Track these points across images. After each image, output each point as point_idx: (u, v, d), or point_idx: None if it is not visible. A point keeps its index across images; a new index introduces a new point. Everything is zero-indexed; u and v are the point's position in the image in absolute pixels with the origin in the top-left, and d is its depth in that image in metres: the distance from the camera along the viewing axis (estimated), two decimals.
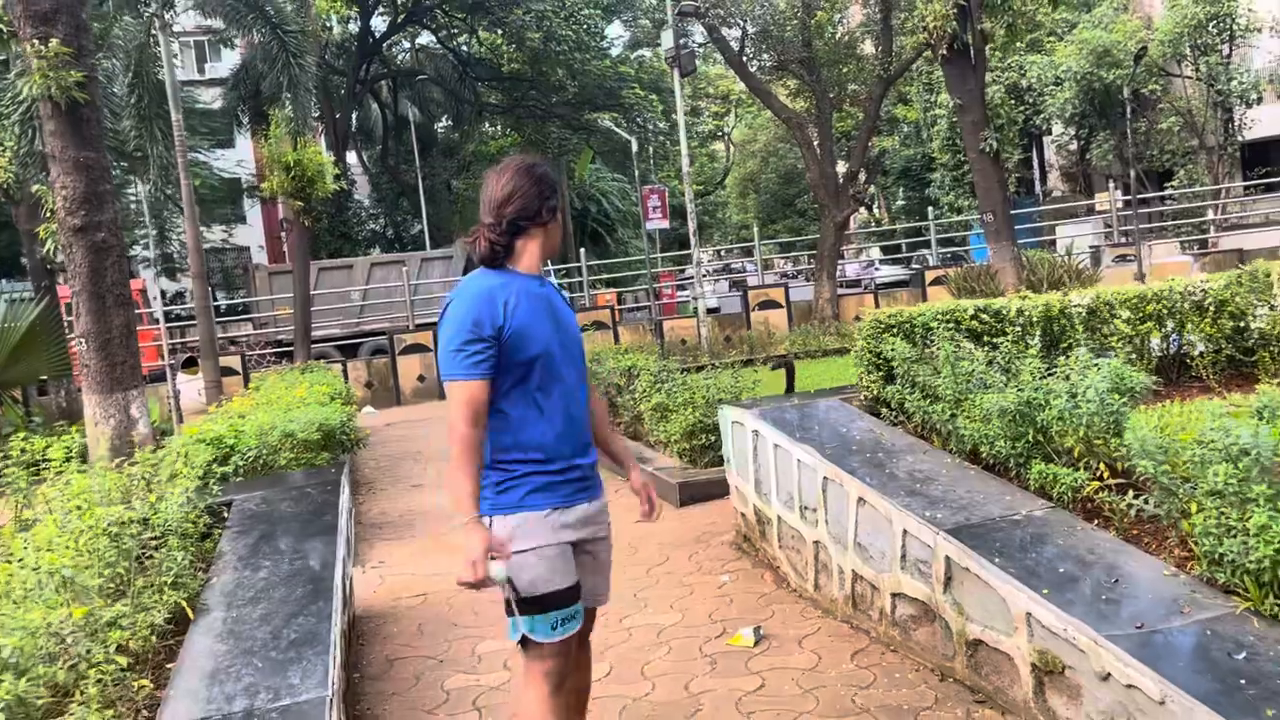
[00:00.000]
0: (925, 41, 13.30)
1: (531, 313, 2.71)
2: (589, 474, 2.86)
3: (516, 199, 2.78)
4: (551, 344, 2.74)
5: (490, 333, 2.64)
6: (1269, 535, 2.95)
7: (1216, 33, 28.60)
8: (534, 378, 2.71)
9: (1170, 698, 2.79)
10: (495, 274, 2.76)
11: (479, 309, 2.66)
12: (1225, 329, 5.45)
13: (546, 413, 2.74)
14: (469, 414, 2.63)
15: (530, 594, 2.68)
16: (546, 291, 2.82)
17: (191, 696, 3.15)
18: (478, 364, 2.64)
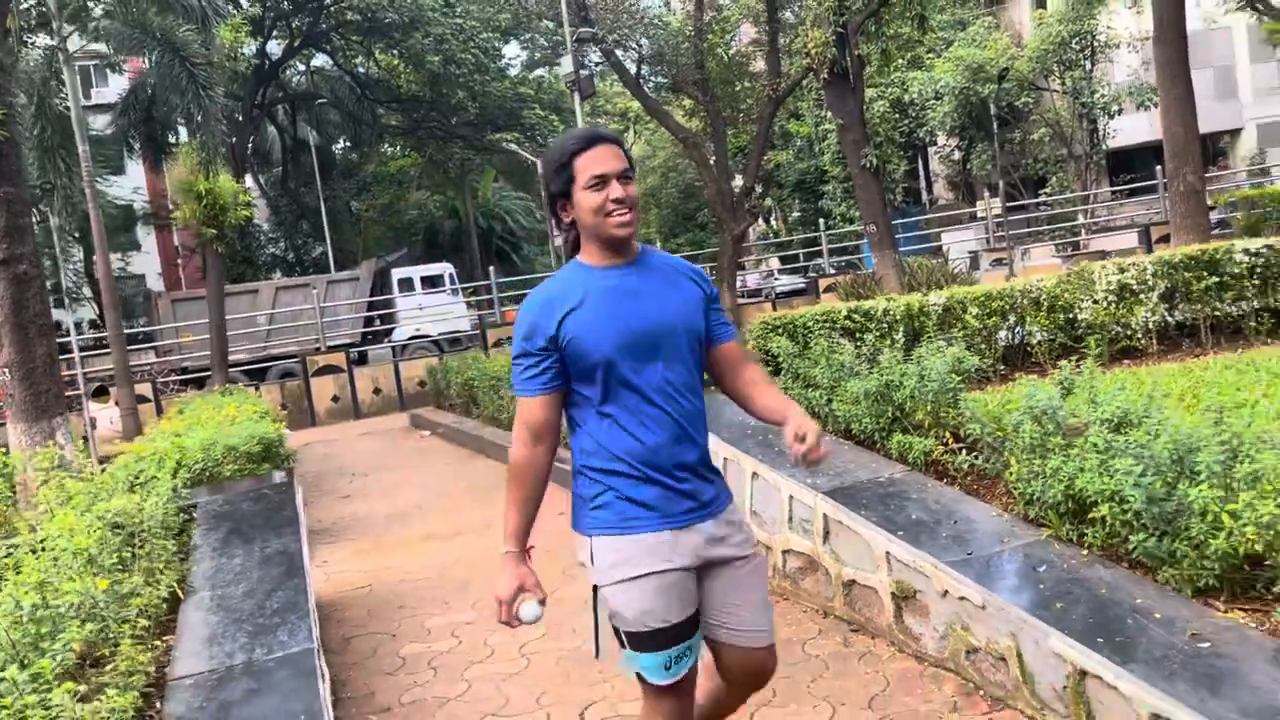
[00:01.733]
0: (808, 66, 14.31)
1: (599, 312, 2.37)
2: (704, 485, 2.46)
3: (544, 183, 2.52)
4: (626, 341, 2.36)
5: (543, 344, 2.37)
6: (1061, 476, 3.79)
7: (1079, 49, 30.61)
8: (607, 383, 2.38)
9: (989, 603, 3.61)
10: (569, 270, 2.49)
11: (533, 317, 2.41)
12: (1058, 321, 6.41)
13: (631, 419, 2.38)
14: (523, 433, 2.40)
15: (637, 629, 2.39)
16: (631, 279, 2.43)
17: (196, 656, 3.72)
18: (531, 378, 2.38)
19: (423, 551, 7.16)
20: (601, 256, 2.46)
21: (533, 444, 2.42)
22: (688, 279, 2.54)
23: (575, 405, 2.45)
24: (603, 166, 2.39)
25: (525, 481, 2.44)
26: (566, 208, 2.45)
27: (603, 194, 2.37)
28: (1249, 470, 3.18)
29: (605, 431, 2.40)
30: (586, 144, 2.41)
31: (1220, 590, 3.32)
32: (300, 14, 30.34)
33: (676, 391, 2.42)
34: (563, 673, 4.45)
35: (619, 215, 2.39)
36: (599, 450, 2.41)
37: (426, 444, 13.38)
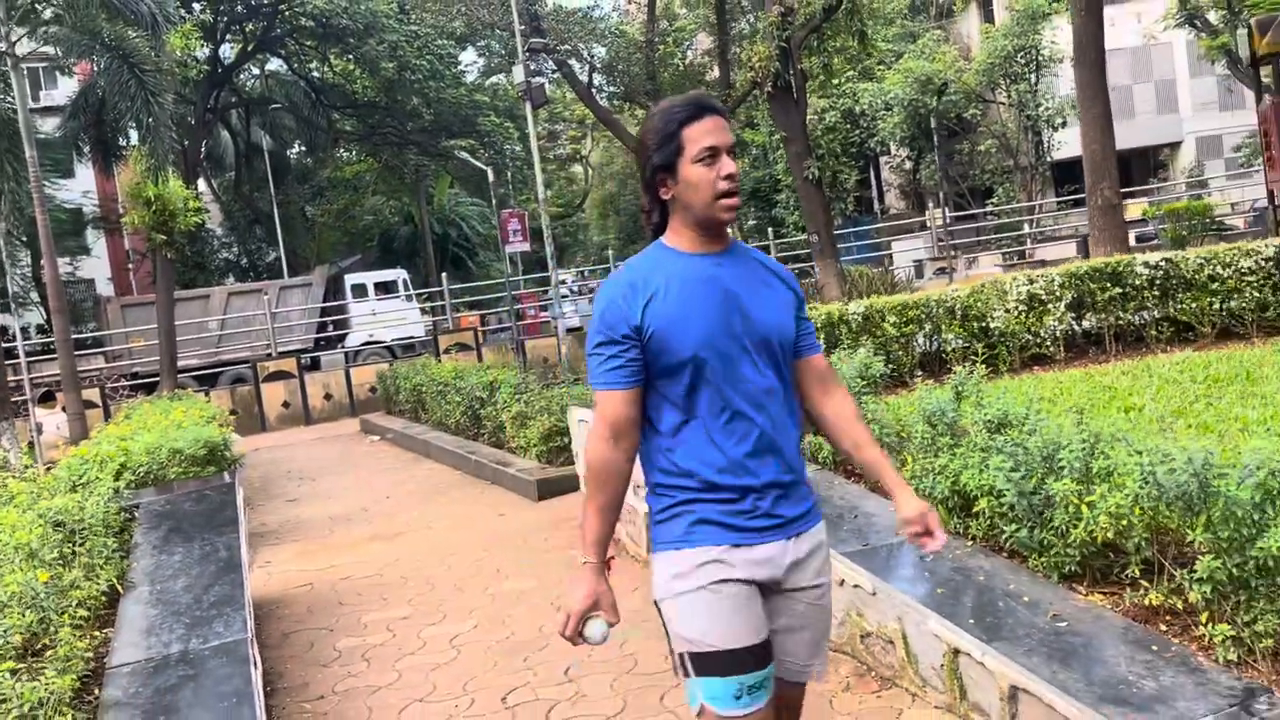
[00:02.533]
0: (752, 79, 14.68)
1: (686, 304, 2.15)
2: (790, 502, 2.23)
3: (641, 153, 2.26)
4: (716, 340, 2.15)
5: (626, 332, 2.14)
6: (948, 472, 4.10)
7: (1024, 63, 31.39)
8: (690, 385, 2.15)
9: (879, 590, 3.91)
10: (653, 253, 2.26)
11: (614, 303, 2.17)
12: (972, 329, 6.76)
13: (713, 426, 2.16)
14: (604, 430, 2.16)
15: (701, 649, 2.14)
16: (723, 271, 2.21)
17: (134, 645, 3.92)
18: (613, 370, 2.15)
19: (365, 552, 7.36)
20: (694, 241, 2.22)
21: (614, 443, 2.16)
22: (778, 279, 2.32)
23: (650, 407, 2.20)
24: (716, 138, 2.15)
25: (607, 484, 2.17)
26: (667, 183, 2.19)
27: (714, 169, 2.14)
28: (1103, 465, 3.50)
29: (683, 439, 2.17)
30: (697, 112, 2.17)
31: (1083, 576, 3.65)
32: (254, 19, 30.28)
33: (765, 399, 2.19)
34: (490, 662, 4.69)
35: (729, 196, 2.17)
36: (674, 460, 2.17)
37: (376, 449, 13.53)
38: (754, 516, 2.18)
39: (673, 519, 2.19)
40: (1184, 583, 3.22)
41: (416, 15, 25.32)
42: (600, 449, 2.18)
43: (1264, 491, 3.06)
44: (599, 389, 2.19)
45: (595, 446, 2.18)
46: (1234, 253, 6.89)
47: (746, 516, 2.17)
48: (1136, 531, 3.37)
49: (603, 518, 2.19)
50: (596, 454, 2.18)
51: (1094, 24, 11.00)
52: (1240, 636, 3.03)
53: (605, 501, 2.19)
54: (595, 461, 2.18)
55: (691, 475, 2.17)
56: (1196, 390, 5.67)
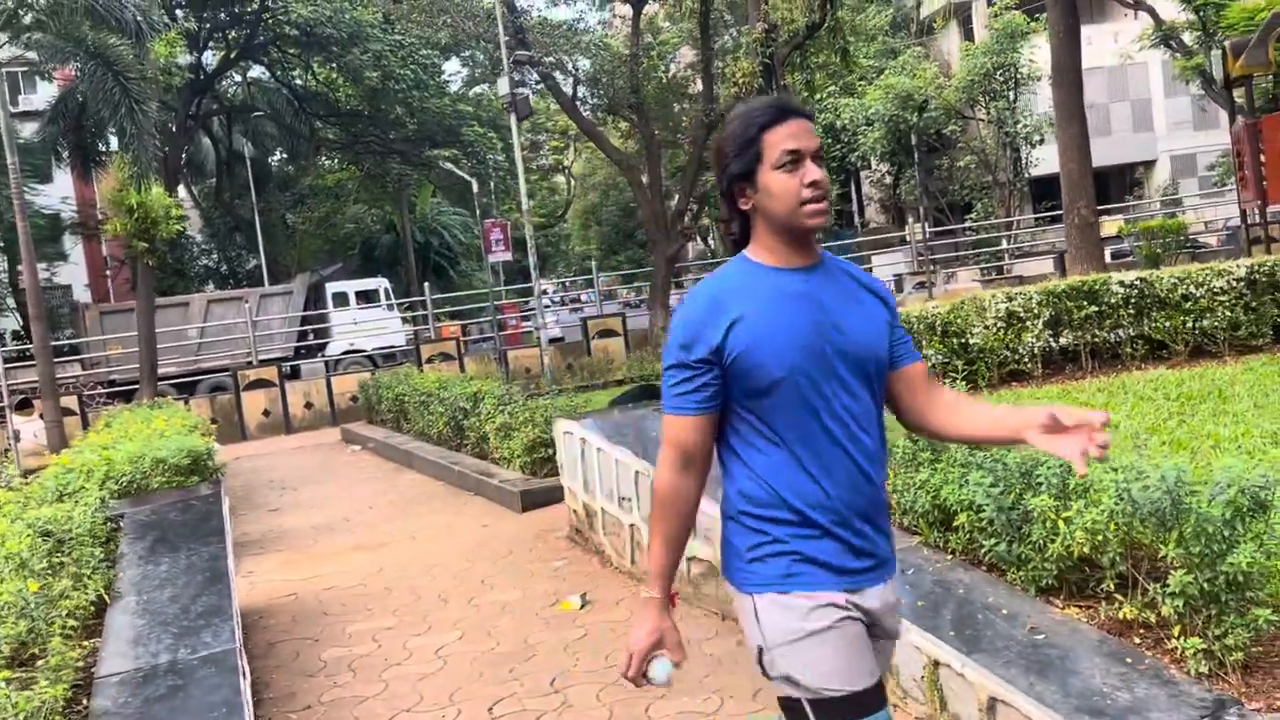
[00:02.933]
0: (736, 95, 14.81)
1: (775, 323, 2.00)
2: (881, 540, 2.09)
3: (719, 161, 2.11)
4: (807, 362, 2.00)
5: (704, 355, 2.00)
6: (929, 487, 4.18)
7: (1003, 80, 31.76)
8: (779, 410, 2.00)
9: None
10: (738, 267, 2.10)
11: (693, 322, 2.02)
12: (952, 345, 6.86)
13: (806, 454, 2.00)
14: (673, 457, 2.02)
15: (826, 694, 1.97)
16: (813, 287, 2.05)
17: (122, 655, 3.93)
18: (685, 395, 2.01)
19: (348, 562, 7.37)
20: (781, 254, 2.07)
21: (683, 470, 2.03)
22: (870, 294, 2.16)
23: (734, 434, 2.05)
24: (798, 142, 2.01)
25: (675, 513, 2.04)
26: (746, 192, 2.06)
27: (797, 175, 1.99)
28: (1079, 482, 3.59)
29: (771, 469, 2.01)
30: (778, 115, 2.03)
31: (1060, 590, 3.73)
32: (237, 26, 30.22)
33: (859, 425, 2.03)
34: (475, 673, 4.73)
35: (815, 203, 2.01)
36: (761, 491, 2.01)
37: (357, 458, 13.51)
38: (858, 555, 2.03)
39: (768, 557, 2.02)
40: (1157, 597, 3.31)
41: (401, 26, 25.33)
42: (669, 477, 2.04)
43: (1234, 509, 3.15)
44: (670, 413, 2.04)
45: (664, 474, 2.04)
46: (1207, 273, 7.04)
47: (852, 555, 2.02)
48: (1111, 547, 3.46)
49: (669, 549, 2.06)
50: (665, 482, 2.04)
51: (1072, 46, 11.19)
52: (1211, 650, 3.11)
53: (672, 532, 2.06)
54: (664, 490, 2.04)
55: (784, 507, 2.00)
56: (1170, 407, 5.80)
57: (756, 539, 2.04)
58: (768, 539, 2.02)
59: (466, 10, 21.43)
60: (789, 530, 2.01)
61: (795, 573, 2.01)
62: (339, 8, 27.45)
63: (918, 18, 39.42)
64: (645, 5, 22.80)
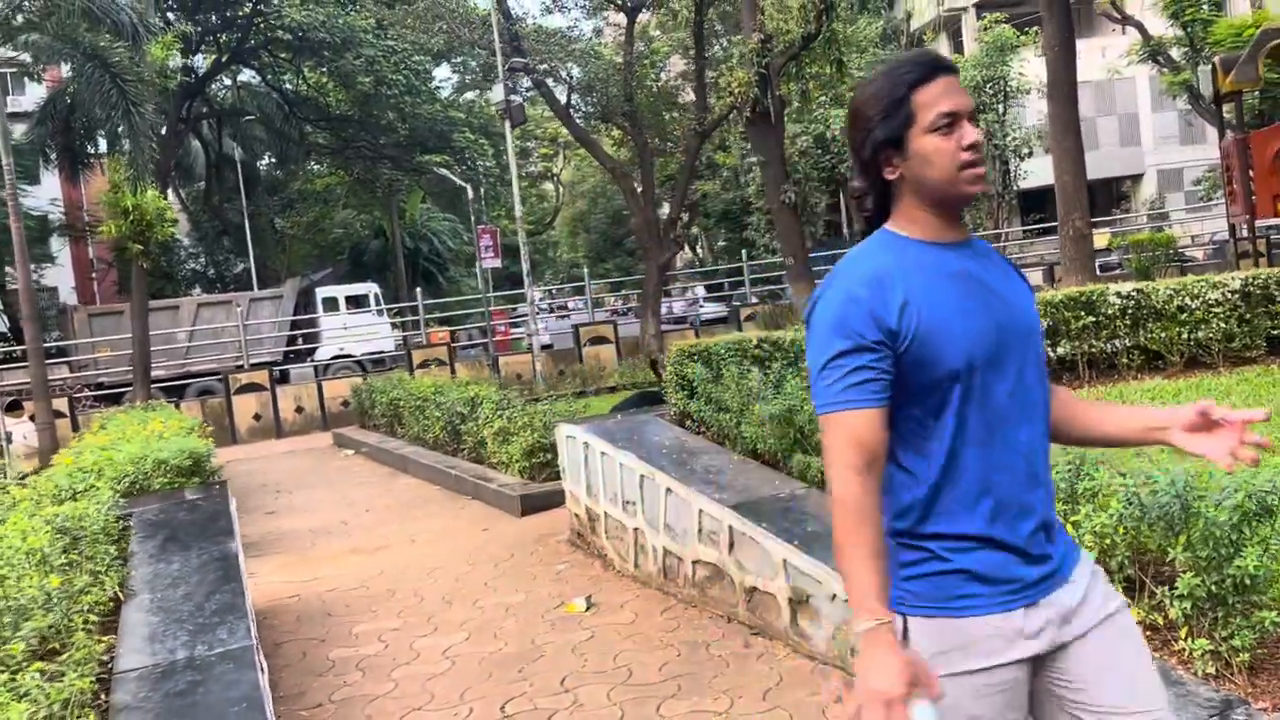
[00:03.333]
0: (731, 104, 14.91)
1: (945, 304, 1.76)
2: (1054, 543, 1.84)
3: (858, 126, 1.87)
4: (984, 347, 1.76)
5: (877, 336, 1.73)
6: None
7: (993, 94, 32.02)
8: (950, 404, 1.76)
9: None
10: (882, 244, 1.84)
11: (856, 302, 1.75)
12: None
13: (975, 455, 1.77)
14: (851, 459, 1.72)
15: None
16: (972, 264, 1.83)
17: (139, 652, 3.95)
18: (860, 385, 1.73)
19: (348, 564, 7.39)
20: (934, 227, 1.82)
21: (865, 470, 1.72)
22: (1015, 272, 1.94)
23: (896, 434, 1.80)
24: (954, 102, 1.78)
25: (866, 519, 1.71)
26: (893, 160, 1.82)
27: (954, 138, 1.76)
28: (1088, 486, 3.67)
29: (935, 472, 1.77)
30: (929, 72, 1.80)
31: None
32: (229, 30, 30.19)
33: (1027, 417, 1.81)
34: (484, 673, 4.77)
35: (975, 167, 1.78)
36: (922, 498, 1.78)
37: (350, 463, 13.52)
38: (1032, 563, 1.77)
39: (931, 575, 1.76)
40: (1165, 600, 3.38)
41: (395, 31, 25.37)
42: (855, 482, 1.72)
43: (1241, 513, 3.23)
44: (841, 409, 1.73)
45: (848, 480, 1.72)
46: (1202, 285, 7.16)
47: (1027, 564, 1.77)
48: (1120, 550, 3.53)
49: (876, 564, 1.69)
50: (851, 489, 1.72)
51: (1067, 60, 11.34)
52: (1218, 651, 3.19)
53: (874, 543, 1.70)
54: (852, 499, 1.71)
55: (952, 519, 1.76)
56: None
57: (915, 555, 1.78)
58: (931, 554, 1.77)
59: (462, 17, 21.50)
60: (953, 543, 1.76)
61: (962, 594, 1.75)
62: (332, 13, 27.47)
63: (908, 30, 39.73)
64: (639, 14, 22.92)
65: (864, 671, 1.63)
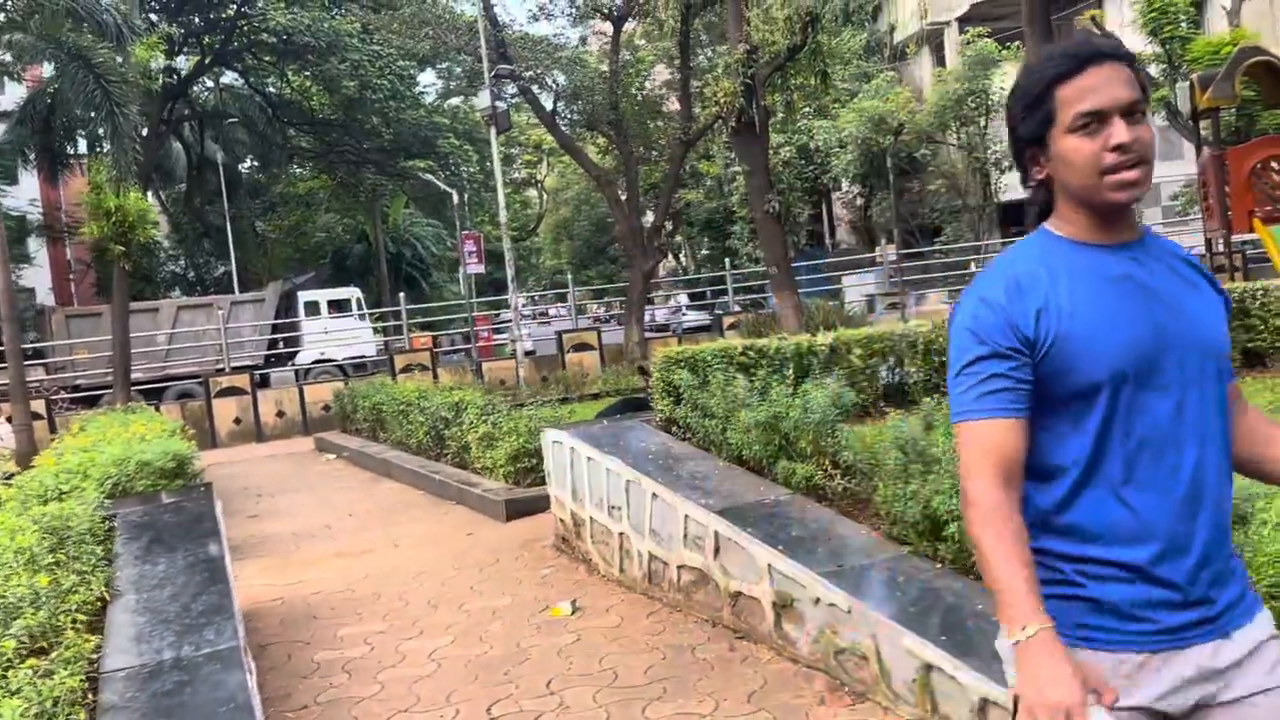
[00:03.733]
0: (716, 114, 15.01)
1: (1094, 310, 1.65)
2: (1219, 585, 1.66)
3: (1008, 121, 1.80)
4: (1136, 359, 1.64)
5: (1013, 344, 1.65)
6: (920, 498, 4.32)
7: (974, 107, 32.28)
8: (1093, 417, 1.65)
9: (854, 608, 4.10)
10: (1034, 244, 1.75)
11: (993, 308, 1.67)
12: (933, 363, 7.03)
13: (1123, 476, 1.65)
14: (988, 471, 1.65)
15: None
16: (1137, 268, 1.70)
17: (125, 652, 3.96)
18: (997, 393, 1.66)
19: (332, 568, 7.39)
20: (1091, 228, 1.71)
21: (1004, 484, 1.64)
22: (1204, 279, 1.79)
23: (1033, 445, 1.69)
24: (1098, 99, 1.64)
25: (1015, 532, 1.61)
26: (1039, 160, 1.73)
27: (1097, 141, 1.63)
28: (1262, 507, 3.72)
29: (1076, 490, 1.66)
30: (1076, 65, 1.66)
31: None
32: (213, 32, 30.08)
33: (1195, 440, 1.66)
34: (470, 675, 4.79)
35: (1123, 172, 1.63)
36: (1060, 517, 1.67)
37: (332, 467, 13.48)
38: (1178, 607, 1.61)
39: (1058, 598, 1.64)
40: None
41: (381, 36, 25.36)
42: (993, 494, 1.63)
43: None
44: (974, 418, 1.66)
45: (986, 492, 1.63)
46: None
47: (1169, 608, 1.61)
48: None
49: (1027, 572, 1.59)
50: (991, 500, 1.63)
51: None
52: None
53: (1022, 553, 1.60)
54: (993, 510, 1.63)
55: (1086, 539, 1.64)
56: None
57: (1044, 573, 1.65)
58: (1061, 577, 1.65)
59: (449, 23, 21.53)
60: (1089, 569, 1.64)
61: (1088, 627, 1.63)
62: (317, 17, 27.43)
63: (891, 42, 40.06)
64: (625, 23, 23.02)
65: (1033, 681, 1.52)
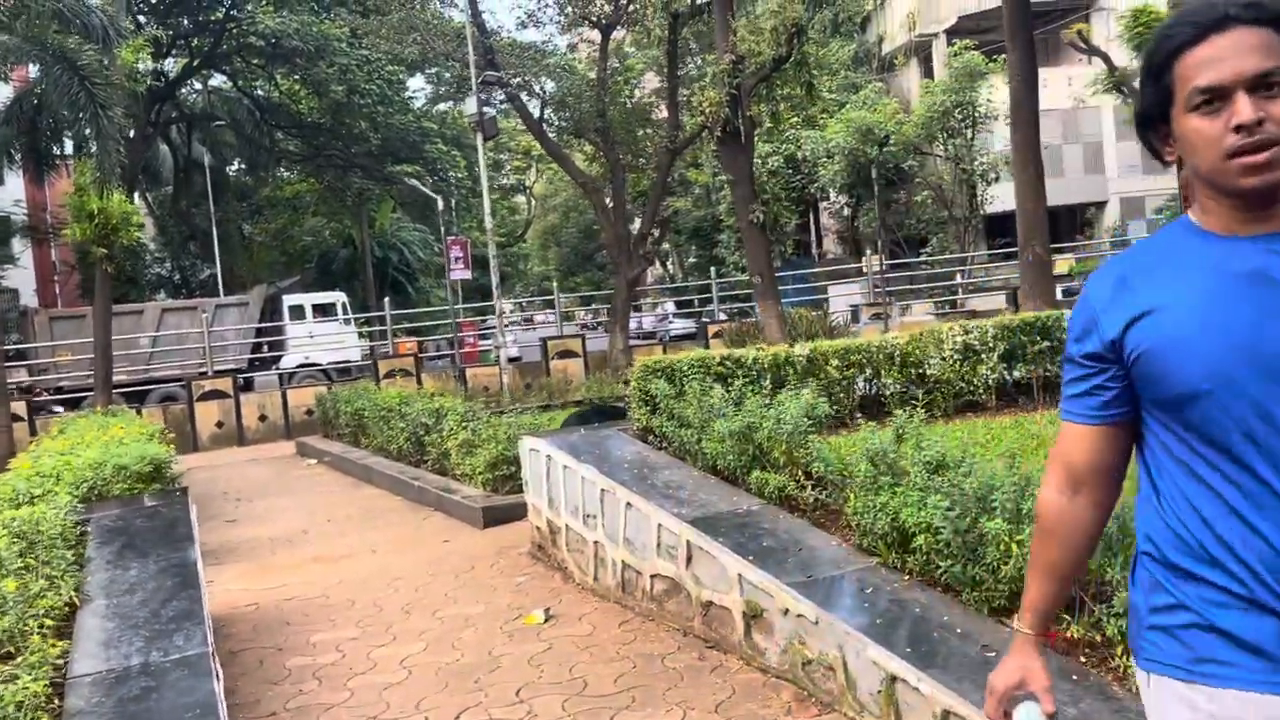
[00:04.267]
0: (702, 124, 15.07)
1: (1205, 315, 1.48)
2: None
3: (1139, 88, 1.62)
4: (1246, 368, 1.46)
5: (1096, 349, 1.58)
6: (889, 510, 4.35)
7: (961, 119, 32.47)
8: (1205, 428, 1.50)
9: (822, 619, 4.12)
10: (1172, 234, 1.61)
11: (1091, 309, 1.59)
12: (909, 375, 7.08)
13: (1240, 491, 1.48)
14: (1056, 476, 1.67)
15: None
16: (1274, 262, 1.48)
17: (94, 657, 3.96)
18: (1077, 397, 1.61)
19: (309, 573, 7.38)
20: (1229, 217, 1.52)
21: (1069, 490, 1.64)
22: None
23: (1147, 450, 1.60)
24: (1218, 73, 1.44)
25: (1052, 538, 1.67)
26: (1168, 140, 1.55)
27: (1219, 120, 1.44)
28: (1033, 506, 3.77)
29: (1188, 503, 1.52)
30: (1196, 33, 1.47)
31: (1012, 610, 3.90)
32: (201, 34, 30.03)
33: None
34: (441, 682, 4.80)
35: (1248, 156, 1.44)
36: (1179, 534, 1.52)
37: (313, 472, 13.45)
38: None
39: (1172, 631, 1.52)
40: (1102, 618, 3.49)
41: (369, 41, 25.36)
42: (1049, 496, 1.67)
43: None
44: (1064, 418, 1.65)
45: (1044, 492, 1.69)
46: None
47: None
48: None
49: (1045, 578, 1.70)
50: (1044, 502, 1.69)
51: (1029, 90, 11.59)
52: None
53: (1051, 558, 1.68)
54: (1041, 510, 1.69)
55: (1203, 560, 1.49)
56: None
57: (1162, 598, 1.54)
58: (1175, 601, 1.52)
59: (437, 29, 21.55)
60: (1211, 595, 1.48)
61: (1207, 657, 1.48)
62: (306, 21, 27.41)
63: (879, 54, 40.27)
64: (613, 31, 23.08)
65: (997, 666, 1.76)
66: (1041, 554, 1.70)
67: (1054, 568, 1.70)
